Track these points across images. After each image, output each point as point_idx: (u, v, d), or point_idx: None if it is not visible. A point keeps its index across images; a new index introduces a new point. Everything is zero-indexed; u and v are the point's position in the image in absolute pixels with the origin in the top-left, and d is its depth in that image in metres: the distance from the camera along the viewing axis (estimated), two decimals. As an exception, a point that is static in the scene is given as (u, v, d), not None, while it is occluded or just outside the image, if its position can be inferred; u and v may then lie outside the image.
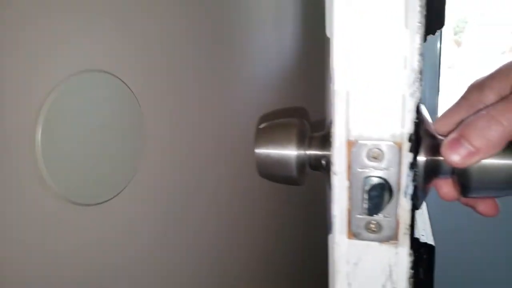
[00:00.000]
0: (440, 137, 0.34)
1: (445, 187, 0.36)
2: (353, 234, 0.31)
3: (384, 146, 0.29)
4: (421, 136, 0.33)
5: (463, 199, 0.36)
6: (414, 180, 0.29)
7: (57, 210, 0.38)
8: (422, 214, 0.48)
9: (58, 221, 0.39)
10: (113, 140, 0.43)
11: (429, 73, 1.49)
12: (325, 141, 0.35)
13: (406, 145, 0.29)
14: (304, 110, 0.50)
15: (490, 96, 0.33)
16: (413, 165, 0.29)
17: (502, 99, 0.31)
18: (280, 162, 0.37)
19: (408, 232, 0.30)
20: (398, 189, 0.29)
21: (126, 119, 0.44)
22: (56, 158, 0.38)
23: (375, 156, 0.29)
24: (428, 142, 0.33)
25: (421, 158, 0.32)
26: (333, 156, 0.30)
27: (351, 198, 0.31)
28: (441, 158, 0.33)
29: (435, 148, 0.33)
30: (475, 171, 0.32)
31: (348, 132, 0.30)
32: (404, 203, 0.30)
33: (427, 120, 0.34)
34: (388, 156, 0.29)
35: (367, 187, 0.29)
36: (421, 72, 0.28)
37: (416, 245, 0.42)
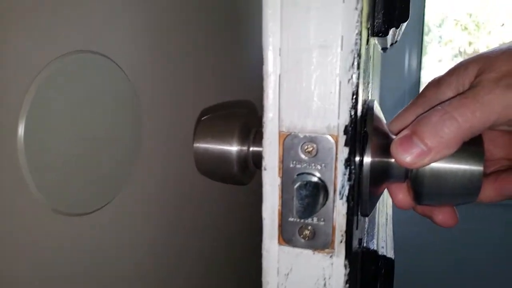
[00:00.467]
0: (393, 136, 0.31)
1: (400, 193, 0.32)
2: (284, 240, 0.27)
3: (319, 139, 0.25)
4: (369, 134, 0.29)
5: (419, 208, 0.33)
6: (350, 179, 0.25)
7: (41, 221, 0.33)
8: (386, 224, 0.44)
9: (42, 233, 0.33)
10: (106, 137, 0.38)
11: (409, 88, 1.46)
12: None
13: (342, 139, 0.25)
14: (251, 103, 0.46)
15: (448, 93, 0.30)
16: (349, 161, 0.25)
17: (459, 94, 0.28)
18: (220, 158, 0.34)
19: (345, 239, 0.26)
20: (334, 190, 0.26)
21: (121, 112, 0.39)
22: (41, 159, 0.32)
23: (309, 151, 0.26)
24: (378, 141, 0.29)
25: (367, 159, 0.28)
26: (263, 149, 0.27)
27: (282, 198, 0.27)
28: (392, 160, 0.29)
29: (386, 148, 0.29)
30: (428, 175, 0.28)
31: (280, 122, 0.26)
32: (340, 206, 0.26)
33: (380, 118, 0.31)
34: (323, 150, 0.25)
35: (297, 185, 0.25)
36: (360, 55, 0.24)
37: (375, 258, 0.38)
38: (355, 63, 0.24)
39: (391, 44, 0.60)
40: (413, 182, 0.29)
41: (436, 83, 0.31)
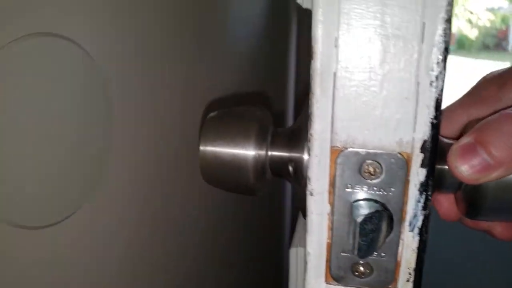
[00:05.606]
0: (446, 140, 0.25)
1: (446, 203, 0.28)
2: (333, 277, 0.22)
3: (386, 157, 0.20)
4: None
5: (469, 221, 0.28)
6: (425, 208, 0.20)
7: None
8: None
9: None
10: (71, 136, 0.29)
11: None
12: (294, 139, 0.26)
13: (418, 158, 0.19)
14: (265, 97, 0.37)
15: None
16: (426, 186, 0.20)
17: None
18: (233, 165, 0.27)
19: (413, 278, 0.21)
20: (402, 219, 0.20)
21: (89, 106, 0.30)
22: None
23: (371, 172, 0.20)
24: None
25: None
26: (310, 169, 0.21)
27: (333, 230, 0.21)
28: (445, 167, 0.24)
29: (439, 153, 0.24)
30: (492, 190, 0.24)
31: (333, 135, 0.20)
32: (409, 239, 0.21)
33: None
34: (390, 172, 0.20)
35: (359, 218, 0.19)
36: (447, 50, 0.18)
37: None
38: (441, 61, 0.18)
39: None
40: (470, 194, 0.25)
41: (497, 78, 0.25)
